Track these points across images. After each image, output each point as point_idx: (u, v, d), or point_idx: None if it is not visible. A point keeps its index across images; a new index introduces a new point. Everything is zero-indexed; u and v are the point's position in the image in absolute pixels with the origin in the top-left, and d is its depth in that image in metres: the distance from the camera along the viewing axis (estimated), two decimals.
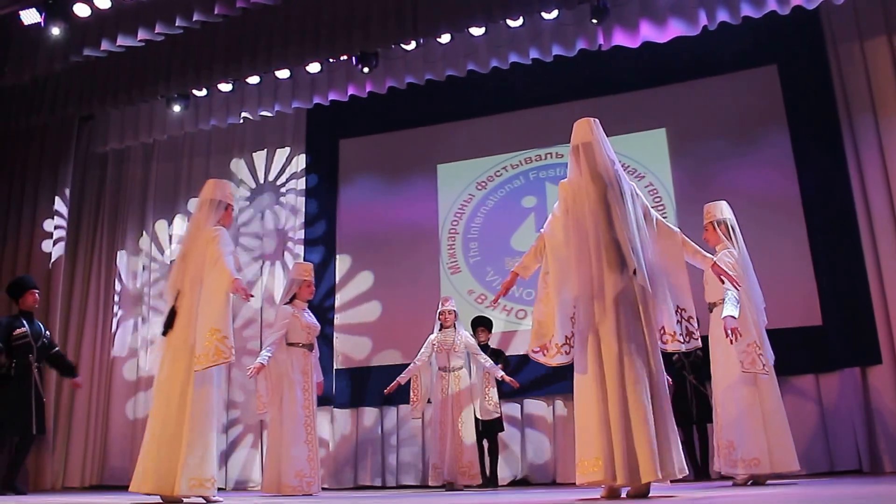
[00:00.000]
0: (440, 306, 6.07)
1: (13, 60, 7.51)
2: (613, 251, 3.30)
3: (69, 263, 7.89)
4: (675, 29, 6.21)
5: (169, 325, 4.02)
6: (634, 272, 3.28)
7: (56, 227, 7.58)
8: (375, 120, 7.85)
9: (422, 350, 5.96)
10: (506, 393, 6.13)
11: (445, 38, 6.79)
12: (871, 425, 5.75)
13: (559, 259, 3.43)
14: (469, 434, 5.79)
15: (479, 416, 5.83)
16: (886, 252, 5.95)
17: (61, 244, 7.58)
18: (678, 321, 3.38)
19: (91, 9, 6.88)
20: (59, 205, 7.66)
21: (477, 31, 6.65)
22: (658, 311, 3.35)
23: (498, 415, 5.93)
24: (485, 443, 6.03)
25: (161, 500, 3.84)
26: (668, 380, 3.49)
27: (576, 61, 6.75)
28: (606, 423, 3.15)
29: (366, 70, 6.95)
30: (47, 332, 6.24)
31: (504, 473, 6.49)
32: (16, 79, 7.55)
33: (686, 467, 3.22)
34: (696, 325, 3.45)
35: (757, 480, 4.39)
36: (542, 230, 3.56)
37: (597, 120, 3.59)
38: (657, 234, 3.47)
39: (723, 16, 6.08)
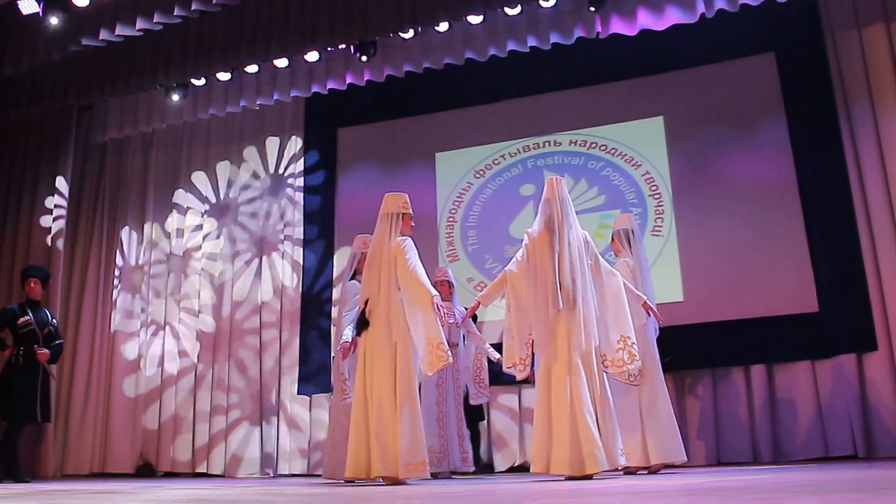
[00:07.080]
0: (435, 277, 5.65)
1: (12, 50, 7.52)
2: (557, 291, 4.09)
3: (68, 251, 7.92)
4: (673, 16, 6.22)
5: (363, 327, 4.45)
6: (573, 308, 4.07)
7: (56, 206, 7.60)
8: (374, 108, 7.85)
9: None
10: (504, 381, 6.06)
11: (443, 27, 6.81)
12: (867, 411, 5.78)
13: (519, 296, 4.28)
14: (463, 417, 5.57)
15: (469, 401, 5.58)
16: (882, 239, 5.97)
17: (61, 221, 7.60)
18: (620, 348, 4.14)
19: None
20: (61, 183, 7.68)
21: (475, 20, 6.66)
22: (599, 341, 4.13)
23: (487, 399, 5.71)
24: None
25: (383, 483, 4.29)
26: None
27: (573, 49, 6.75)
28: (551, 426, 3.94)
29: (364, 59, 6.97)
30: (54, 321, 6.32)
31: (501, 465, 6.50)
32: (14, 69, 7.56)
33: (625, 459, 4.08)
34: (637, 348, 4.18)
35: (629, 471, 4.64)
36: (507, 268, 4.35)
37: (562, 179, 4.40)
38: (603, 278, 4.29)
39: (720, 3, 6.09)
